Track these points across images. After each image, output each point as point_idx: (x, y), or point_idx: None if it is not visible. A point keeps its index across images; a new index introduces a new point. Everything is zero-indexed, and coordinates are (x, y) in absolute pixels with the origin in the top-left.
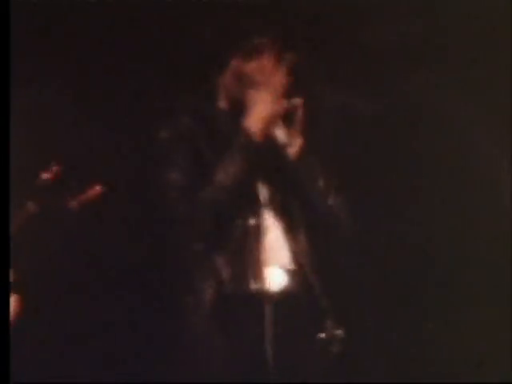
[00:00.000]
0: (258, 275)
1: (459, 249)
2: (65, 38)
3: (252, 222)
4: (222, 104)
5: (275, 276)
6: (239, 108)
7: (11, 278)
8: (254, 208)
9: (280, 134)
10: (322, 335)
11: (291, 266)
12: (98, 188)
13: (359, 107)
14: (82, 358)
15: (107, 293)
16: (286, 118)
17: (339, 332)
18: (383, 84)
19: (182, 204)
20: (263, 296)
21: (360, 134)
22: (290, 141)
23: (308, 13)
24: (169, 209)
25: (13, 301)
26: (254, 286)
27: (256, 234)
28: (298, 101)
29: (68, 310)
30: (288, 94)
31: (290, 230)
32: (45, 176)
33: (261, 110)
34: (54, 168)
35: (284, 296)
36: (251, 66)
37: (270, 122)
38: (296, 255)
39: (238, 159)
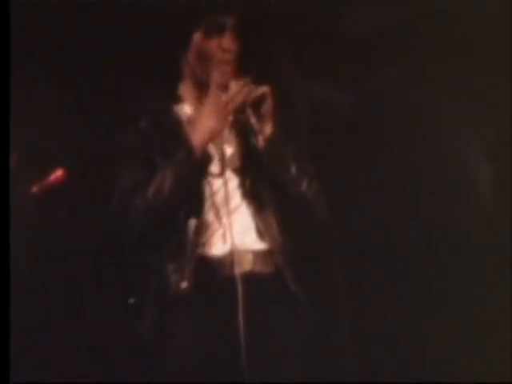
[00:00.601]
0: (226, 261)
1: (435, 236)
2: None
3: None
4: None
5: (244, 259)
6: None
7: None
8: (198, 207)
9: (250, 120)
10: (296, 319)
11: (260, 250)
12: (59, 172)
13: (335, 97)
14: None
15: (69, 282)
16: (255, 106)
17: (315, 314)
18: (359, 75)
19: (129, 205)
20: (233, 279)
21: (336, 122)
22: (259, 128)
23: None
24: (116, 210)
25: None
26: (223, 269)
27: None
28: (265, 89)
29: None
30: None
31: (260, 214)
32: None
33: (205, 125)
34: (15, 155)
35: (255, 278)
36: (212, 45)
37: (213, 138)
38: (265, 239)
39: (178, 170)
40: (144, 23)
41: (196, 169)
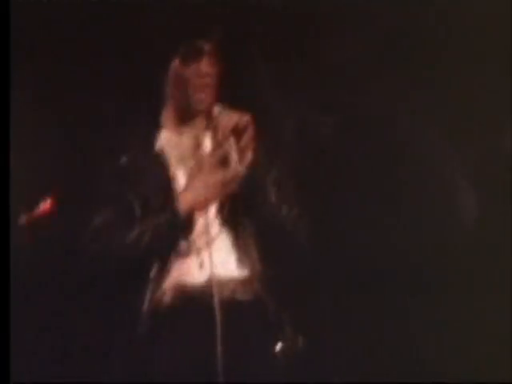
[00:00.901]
0: (205, 289)
1: (418, 254)
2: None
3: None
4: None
5: (224, 287)
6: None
7: None
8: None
9: (230, 150)
10: (279, 346)
11: (241, 276)
12: (48, 202)
13: (316, 120)
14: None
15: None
16: (236, 135)
17: (297, 342)
18: (342, 99)
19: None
20: (213, 306)
21: (317, 147)
22: (239, 156)
23: (264, 23)
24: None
25: None
26: (202, 296)
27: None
28: (247, 118)
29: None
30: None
31: (240, 241)
32: None
33: (197, 195)
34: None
35: (234, 306)
36: (190, 71)
37: (202, 208)
38: (245, 266)
39: (159, 229)
40: (122, 50)
41: (178, 232)
